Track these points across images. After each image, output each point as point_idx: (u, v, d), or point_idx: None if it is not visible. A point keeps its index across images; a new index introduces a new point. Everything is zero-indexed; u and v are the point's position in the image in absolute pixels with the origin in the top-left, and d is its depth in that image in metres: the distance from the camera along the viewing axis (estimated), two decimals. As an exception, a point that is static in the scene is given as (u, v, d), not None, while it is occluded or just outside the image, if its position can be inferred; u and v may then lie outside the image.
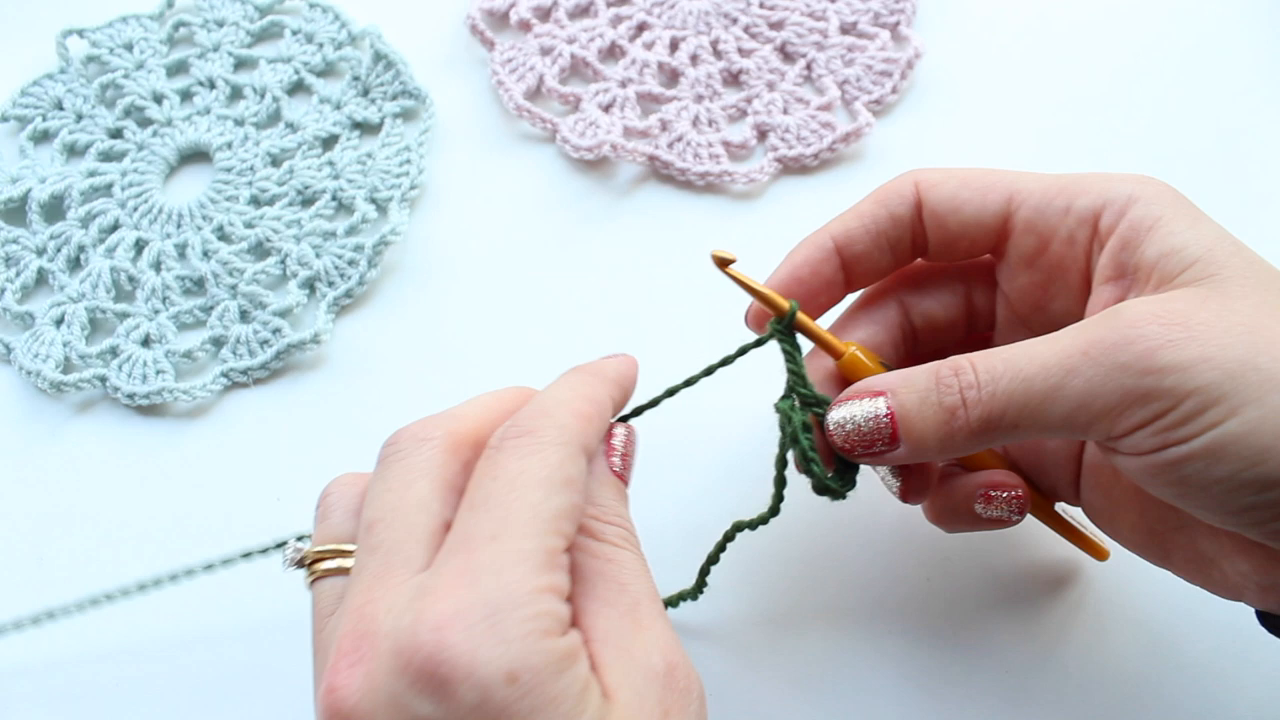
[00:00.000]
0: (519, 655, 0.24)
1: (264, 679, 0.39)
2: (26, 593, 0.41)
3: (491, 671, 0.24)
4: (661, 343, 0.45)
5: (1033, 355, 0.28)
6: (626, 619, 0.28)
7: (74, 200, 0.50)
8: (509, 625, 0.24)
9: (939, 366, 0.30)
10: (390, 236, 0.47)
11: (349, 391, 0.45)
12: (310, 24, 0.55)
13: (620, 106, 0.51)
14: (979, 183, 0.32)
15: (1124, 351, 0.26)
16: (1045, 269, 0.32)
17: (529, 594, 0.25)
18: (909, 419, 0.30)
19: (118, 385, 0.45)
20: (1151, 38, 0.52)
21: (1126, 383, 0.26)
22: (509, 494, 0.27)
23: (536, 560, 0.26)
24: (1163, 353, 0.26)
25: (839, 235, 0.34)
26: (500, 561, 0.25)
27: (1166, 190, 0.30)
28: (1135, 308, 0.27)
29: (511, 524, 0.26)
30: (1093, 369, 0.27)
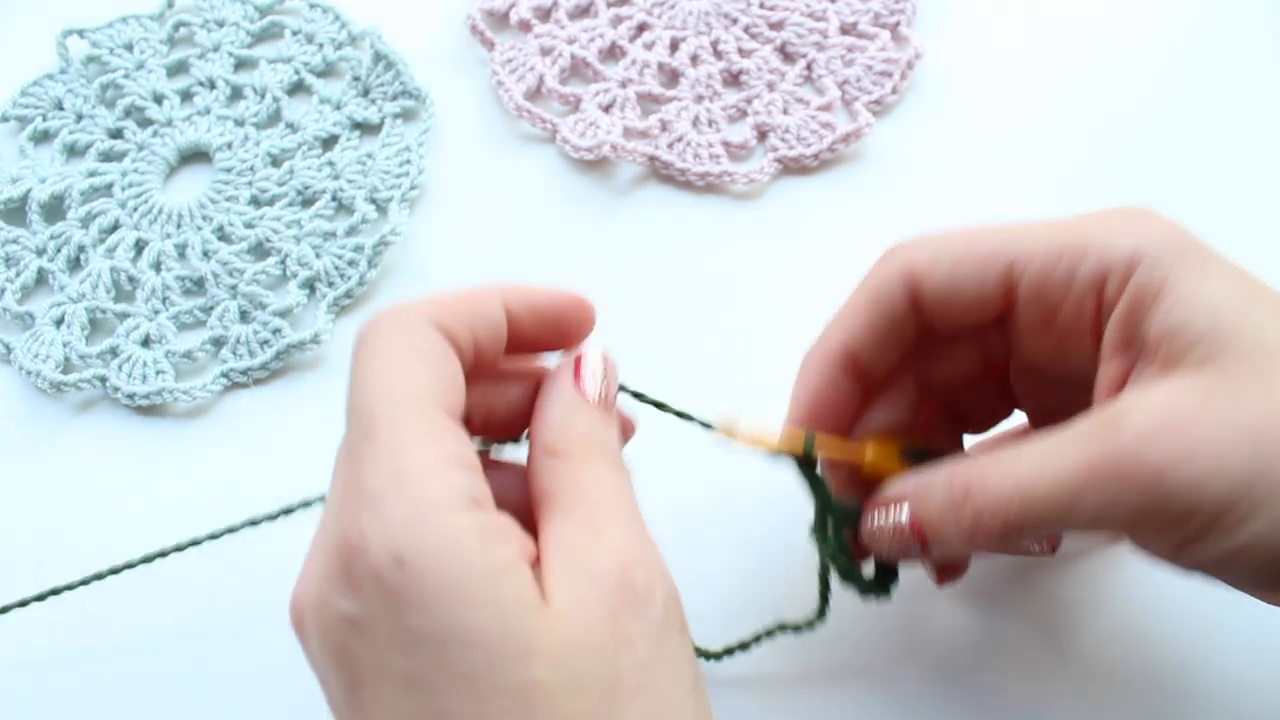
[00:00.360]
0: (402, 536, 0.24)
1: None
2: (26, 593, 0.41)
3: (381, 559, 0.24)
4: (661, 343, 0.45)
5: (1040, 474, 0.27)
6: (581, 527, 0.26)
7: (74, 200, 0.50)
8: (392, 508, 0.24)
9: (951, 480, 0.29)
10: (390, 236, 0.47)
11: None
12: (310, 24, 0.55)
13: (620, 107, 0.51)
14: (973, 257, 0.31)
15: (1130, 473, 0.26)
16: (1055, 334, 0.31)
17: (411, 471, 0.25)
18: (933, 527, 0.30)
19: (118, 385, 0.45)
20: (1153, 37, 0.52)
21: (1136, 503, 0.26)
22: (364, 392, 0.27)
23: (416, 437, 0.25)
24: (1169, 474, 0.26)
25: (845, 347, 0.33)
26: (376, 454, 0.25)
27: (1172, 240, 0.28)
28: (1137, 416, 0.26)
29: (374, 415, 0.26)
30: (1100, 490, 0.26)
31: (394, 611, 0.24)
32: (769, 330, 0.44)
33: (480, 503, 0.25)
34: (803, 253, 0.47)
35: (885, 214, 0.48)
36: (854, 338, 0.32)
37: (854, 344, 0.32)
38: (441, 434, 0.26)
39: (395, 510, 0.24)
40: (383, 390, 0.27)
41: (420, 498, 0.24)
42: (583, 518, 0.26)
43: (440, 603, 0.23)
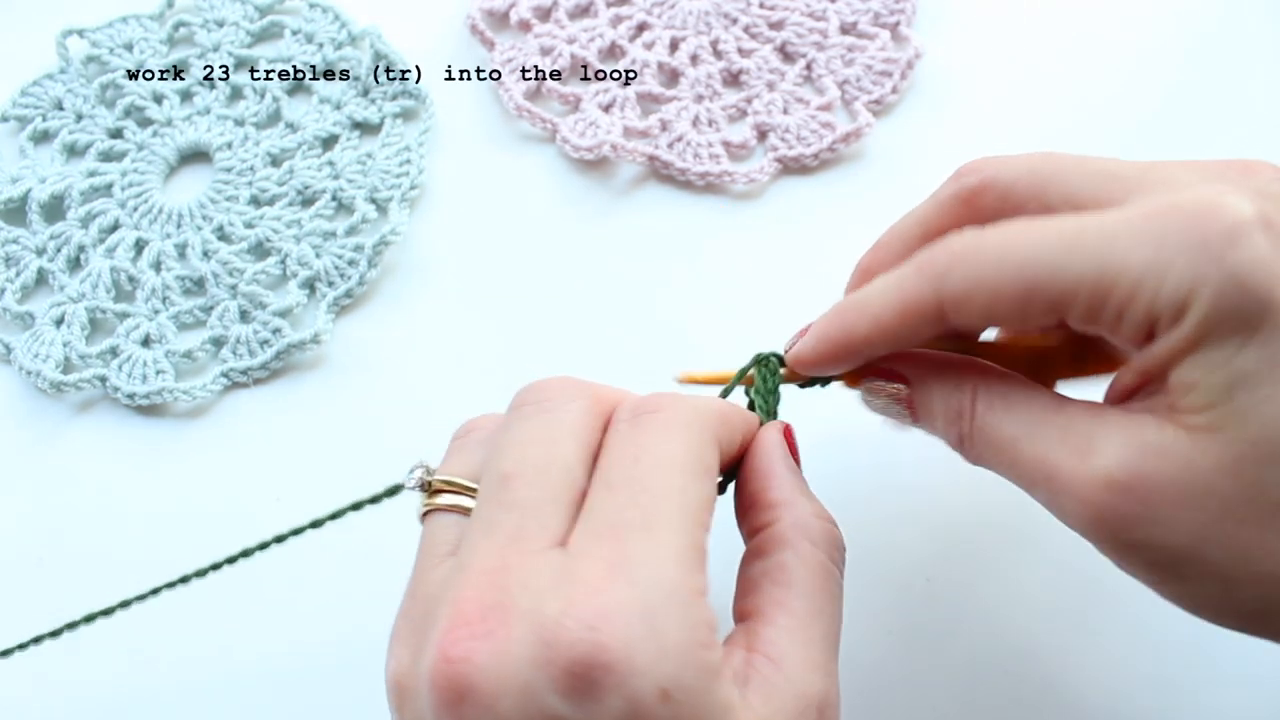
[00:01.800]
0: (675, 669, 0.22)
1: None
2: (26, 593, 0.41)
3: (647, 684, 0.22)
4: (661, 343, 0.45)
5: (1014, 444, 0.28)
6: (812, 646, 0.26)
7: (74, 200, 0.50)
8: (668, 632, 0.22)
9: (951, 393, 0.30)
10: (390, 236, 0.47)
11: (349, 391, 0.45)
12: (310, 24, 0.55)
13: (620, 106, 0.51)
14: (1010, 292, 0.27)
15: (1080, 507, 0.26)
16: (1108, 343, 0.29)
17: (687, 596, 0.23)
18: (923, 415, 0.31)
19: (118, 385, 0.45)
20: (1154, 37, 0.52)
21: (1078, 525, 0.27)
22: (653, 478, 0.25)
23: (689, 558, 0.23)
24: (1113, 525, 0.26)
25: (865, 344, 0.31)
26: (654, 556, 0.23)
27: (1228, 292, 0.24)
28: (1108, 456, 0.26)
29: (660, 514, 0.24)
30: (1052, 498, 0.27)
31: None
32: (769, 330, 0.44)
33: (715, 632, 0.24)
34: (803, 253, 0.47)
35: (885, 214, 0.47)
36: (875, 339, 0.30)
37: (875, 343, 0.30)
38: (702, 562, 0.24)
39: (672, 636, 0.22)
40: (677, 490, 0.25)
41: (694, 629, 0.23)
42: (813, 634, 0.26)
43: None
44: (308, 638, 0.39)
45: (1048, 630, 0.37)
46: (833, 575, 0.28)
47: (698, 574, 0.24)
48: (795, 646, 0.25)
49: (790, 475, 0.29)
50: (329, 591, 0.40)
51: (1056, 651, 0.37)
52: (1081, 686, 0.36)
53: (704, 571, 0.24)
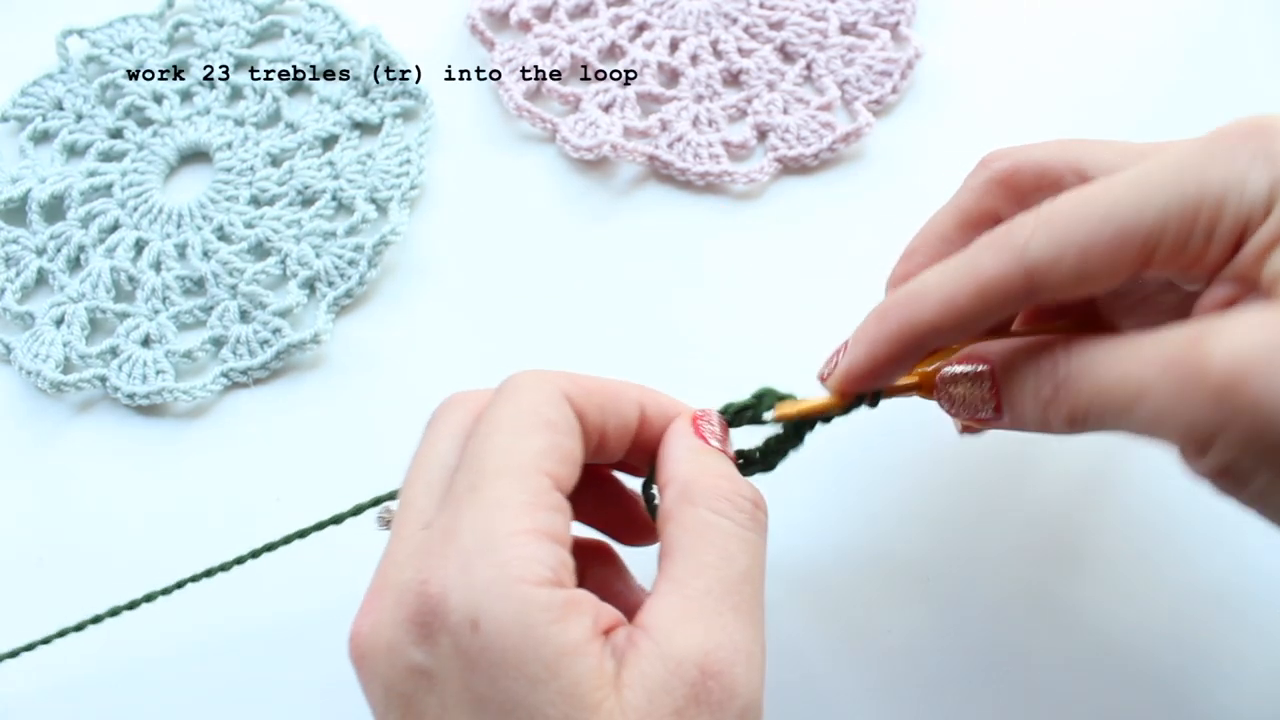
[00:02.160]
0: (485, 601, 0.24)
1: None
2: (26, 593, 0.41)
3: (458, 619, 0.24)
4: (661, 342, 0.45)
5: (1113, 364, 0.26)
6: (683, 601, 0.26)
7: (74, 200, 0.50)
8: (478, 570, 0.24)
9: (1040, 359, 0.28)
10: (390, 236, 0.47)
11: (349, 391, 0.45)
12: (310, 24, 0.55)
13: (620, 106, 0.51)
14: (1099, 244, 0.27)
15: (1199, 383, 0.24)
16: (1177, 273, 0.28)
17: (508, 533, 0.25)
18: (1011, 397, 0.29)
19: (118, 385, 0.45)
20: (1154, 37, 0.52)
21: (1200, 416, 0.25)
22: (484, 443, 0.27)
23: (515, 504, 0.25)
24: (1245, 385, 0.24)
25: (933, 331, 0.29)
26: (476, 510, 0.26)
27: None
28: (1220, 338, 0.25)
29: (486, 473, 0.26)
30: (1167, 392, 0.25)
31: (465, 673, 0.24)
32: (769, 330, 0.44)
33: (561, 579, 0.25)
34: (803, 253, 0.47)
35: (885, 214, 0.48)
36: (946, 324, 0.28)
37: (945, 330, 0.29)
38: (541, 503, 0.26)
39: (480, 572, 0.24)
40: (501, 449, 0.27)
41: (505, 564, 0.24)
42: (689, 590, 0.26)
43: (507, 676, 0.24)
44: (300, 636, 0.39)
45: (1048, 629, 0.37)
46: (715, 527, 0.27)
47: (525, 516, 0.25)
48: (667, 609, 0.26)
49: (686, 452, 0.29)
50: (321, 591, 0.40)
51: (1058, 649, 0.37)
52: (1082, 684, 0.36)
53: (537, 513, 0.25)
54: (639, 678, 0.24)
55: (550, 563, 0.25)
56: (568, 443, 0.28)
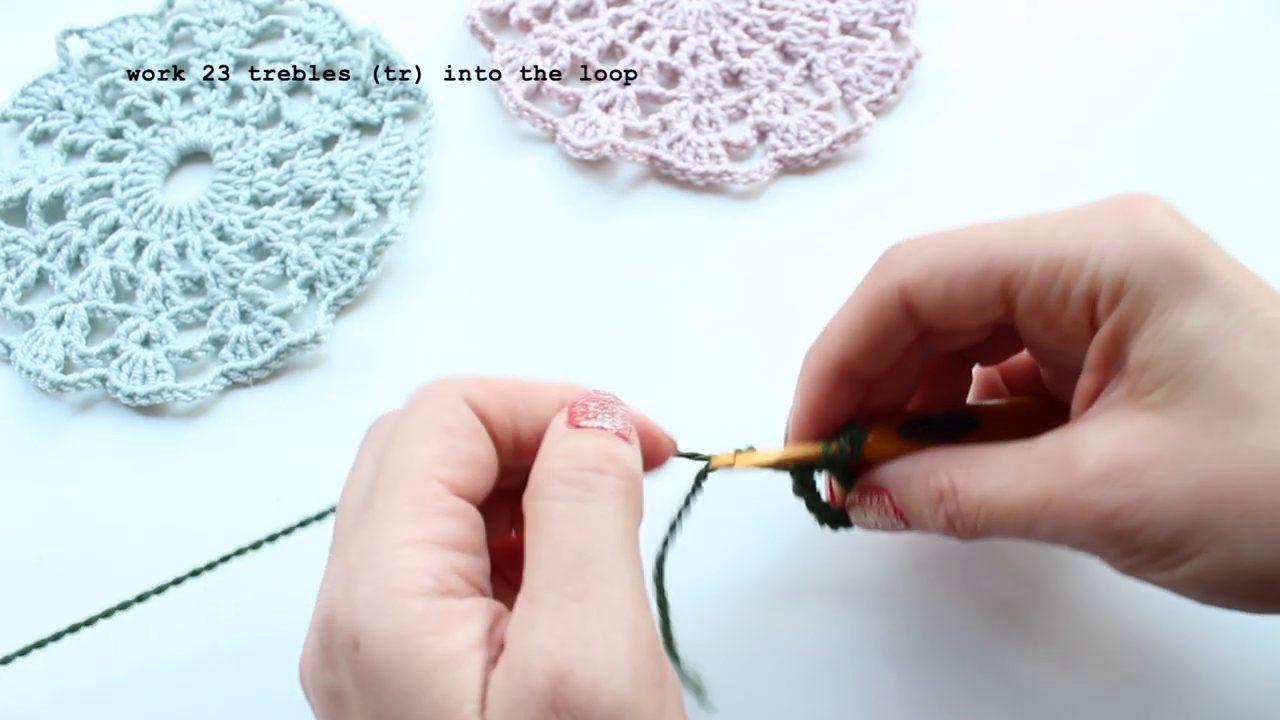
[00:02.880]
0: (364, 619, 0.24)
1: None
2: (26, 593, 0.41)
3: (343, 637, 0.24)
4: (661, 342, 0.45)
5: (1002, 494, 0.29)
6: (530, 605, 0.24)
7: (74, 200, 0.50)
8: (359, 586, 0.24)
9: (928, 482, 0.31)
10: (390, 236, 0.47)
11: (349, 391, 0.45)
12: (310, 24, 0.55)
13: (620, 106, 0.51)
14: (968, 272, 0.30)
15: (1080, 513, 0.28)
16: (1056, 336, 0.31)
17: (386, 551, 0.24)
18: (912, 516, 0.32)
19: (118, 385, 0.45)
20: (1154, 37, 0.52)
21: (1086, 537, 0.28)
22: (383, 459, 0.27)
23: (401, 515, 0.25)
24: (1115, 519, 0.27)
25: (842, 361, 0.32)
26: (368, 527, 0.25)
27: (1165, 255, 0.28)
28: (1091, 457, 0.28)
29: (379, 487, 0.26)
30: (1055, 520, 0.28)
31: (359, 692, 0.24)
32: (769, 329, 0.44)
33: (450, 586, 0.24)
34: (803, 253, 0.47)
35: (885, 214, 0.48)
36: (850, 352, 0.32)
37: (851, 357, 0.32)
38: (431, 510, 0.25)
39: (360, 589, 0.24)
40: (394, 462, 0.27)
41: (383, 578, 0.24)
42: (530, 590, 0.24)
43: (388, 692, 0.23)
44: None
45: (1045, 628, 0.37)
46: (545, 514, 0.25)
47: (410, 526, 0.25)
48: (516, 618, 0.24)
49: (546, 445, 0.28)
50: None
51: (1056, 648, 0.37)
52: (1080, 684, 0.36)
53: (433, 519, 0.25)
54: (495, 695, 0.23)
55: (434, 570, 0.24)
56: (466, 446, 0.27)
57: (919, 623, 0.38)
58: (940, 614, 0.38)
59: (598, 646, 0.23)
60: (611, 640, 0.23)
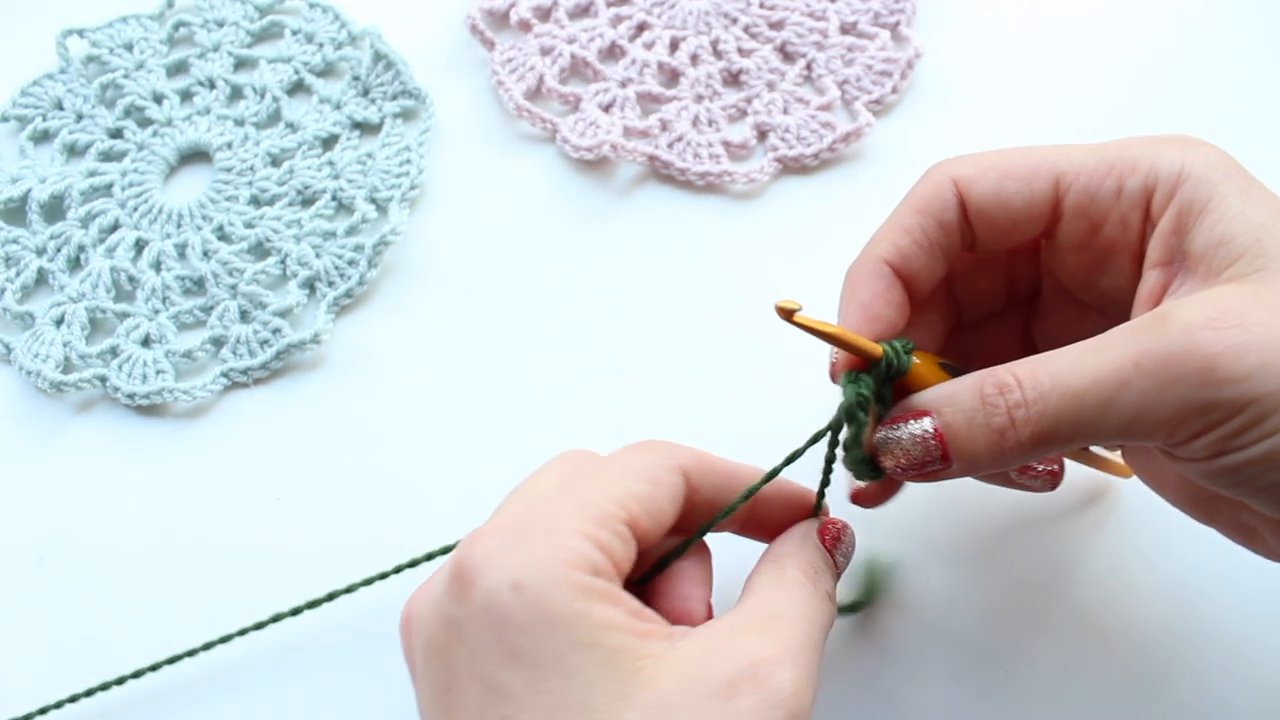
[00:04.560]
0: (529, 568, 0.26)
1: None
2: (26, 593, 0.41)
3: (500, 578, 0.26)
4: (661, 342, 0.45)
5: (1083, 368, 0.27)
6: (750, 621, 0.28)
7: (74, 200, 0.50)
8: (530, 545, 0.26)
9: (983, 383, 0.28)
10: (390, 236, 0.47)
11: (349, 391, 0.45)
12: (310, 24, 0.55)
13: (620, 106, 0.51)
14: (1021, 170, 0.31)
15: (1179, 363, 0.25)
16: (1097, 250, 0.31)
17: (565, 530, 0.27)
18: (958, 439, 0.28)
19: (118, 385, 0.45)
20: (1152, 35, 0.52)
21: (1184, 395, 0.25)
22: (594, 468, 0.30)
23: (590, 513, 0.27)
24: (1220, 362, 0.25)
25: (893, 257, 0.32)
26: (555, 507, 0.28)
27: (1217, 161, 0.29)
28: (1187, 312, 0.26)
29: (582, 486, 0.29)
30: (1146, 382, 0.26)
31: (498, 625, 0.25)
32: (769, 329, 0.44)
33: (604, 574, 0.27)
34: (803, 252, 0.47)
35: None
36: (902, 246, 0.32)
37: (904, 252, 0.32)
38: (608, 525, 0.28)
39: (531, 546, 0.26)
40: (604, 477, 0.29)
41: (557, 547, 0.26)
42: (757, 613, 0.28)
43: (550, 633, 0.25)
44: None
45: (1044, 627, 0.37)
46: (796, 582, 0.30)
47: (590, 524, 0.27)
48: (732, 619, 0.28)
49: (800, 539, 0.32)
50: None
51: (1054, 648, 0.37)
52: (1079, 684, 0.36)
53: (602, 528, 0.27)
54: (695, 655, 0.26)
55: (596, 562, 0.27)
56: (663, 503, 0.29)
57: (920, 629, 0.38)
58: (941, 621, 0.38)
59: (801, 666, 0.26)
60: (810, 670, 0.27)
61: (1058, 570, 0.38)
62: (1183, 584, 0.37)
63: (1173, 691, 0.36)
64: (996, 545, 0.39)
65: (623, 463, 0.30)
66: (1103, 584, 0.38)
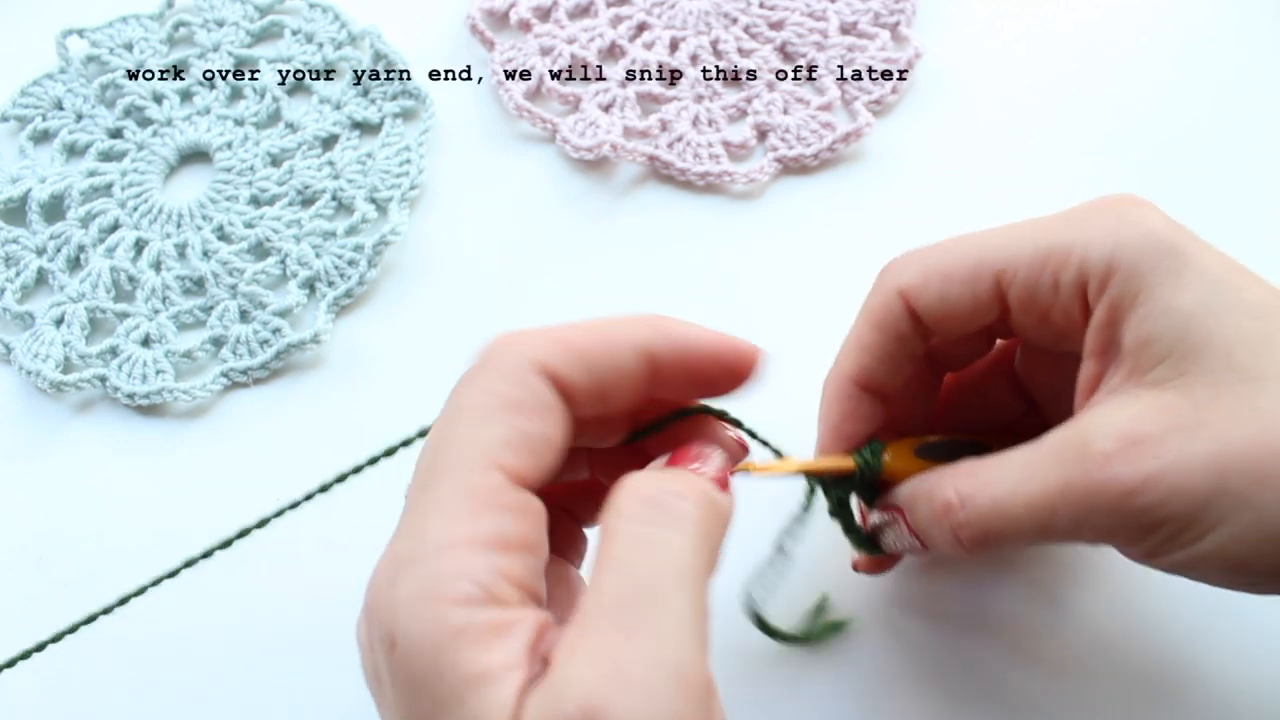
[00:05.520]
0: (402, 621, 0.23)
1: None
2: (26, 594, 0.41)
3: (380, 633, 0.23)
4: (661, 343, 0.45)
5: (1014, 494, 0.29)
6: (579, 629, 0.23)
7: (74, 200, 0.50)
8: (401, 584, 0.23)
9: (932, 496, 0.31)
10: (390, 236, 0.47)
11: (349, 391, 0.45)
12: (310, 24, 0.55)
13: (620, 106, 0.51)
14: (961, 272, 0.31)
15: (1100, 494, 0.27)
16: (1051, 330, 0.31)
17: (433, 550, 0.23)
18: (928, 536, 0.31)
19: (118, 385, 0.45)
20: (1152, 35, 0.52)
21: (1107, 520, 0.28)
22: (441, 433, 0.25)
23: (454, 509, 0.24)
24: (1137, 494, 0.27)
25: (857, 375, 0.33)
26: (419, 514, 0.24)
27: (1148, 242, 0.29)
28: (1105, 436, 0.27)
29: (437, 468, 0.25)
30: (1073, 509, 0.28)
31: (393, 685, 0.23)
32: (769, 330, 0.44)
33: (497, 594, 0.23)
34: (803, 253, 0.47)
35: (885, 214, 0.48)
36: (864, 364, 0.33)
37: (866, 369, 0.33)
38: (488, 506, 0.24)
39: (403, 587, 0.23)
40: (454, 441, 0.25)
41: (427, 579, 0.23)
42: (582, 613, 0.23)
43: (420, 694, 0.22)
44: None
45: (1044, 629, 0.37)
46: (614, 535, 0.24)
47: (464, 523, 0.23)
48: (564, 639, 0.23)
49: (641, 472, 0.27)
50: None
51: (1054, 648, 0.37)
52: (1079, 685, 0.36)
53: (490, 515, 0.23)
54: (542, 699, 0.22)
55: (482, 577, 0.23)
56: (535, 426, 0.25)
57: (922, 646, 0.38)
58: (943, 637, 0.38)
59: (637, 687, 0.21)
60: (652, 682, 0.22)
61: (1062, 568, 0.38)
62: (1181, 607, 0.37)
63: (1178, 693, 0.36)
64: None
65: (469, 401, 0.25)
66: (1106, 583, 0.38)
